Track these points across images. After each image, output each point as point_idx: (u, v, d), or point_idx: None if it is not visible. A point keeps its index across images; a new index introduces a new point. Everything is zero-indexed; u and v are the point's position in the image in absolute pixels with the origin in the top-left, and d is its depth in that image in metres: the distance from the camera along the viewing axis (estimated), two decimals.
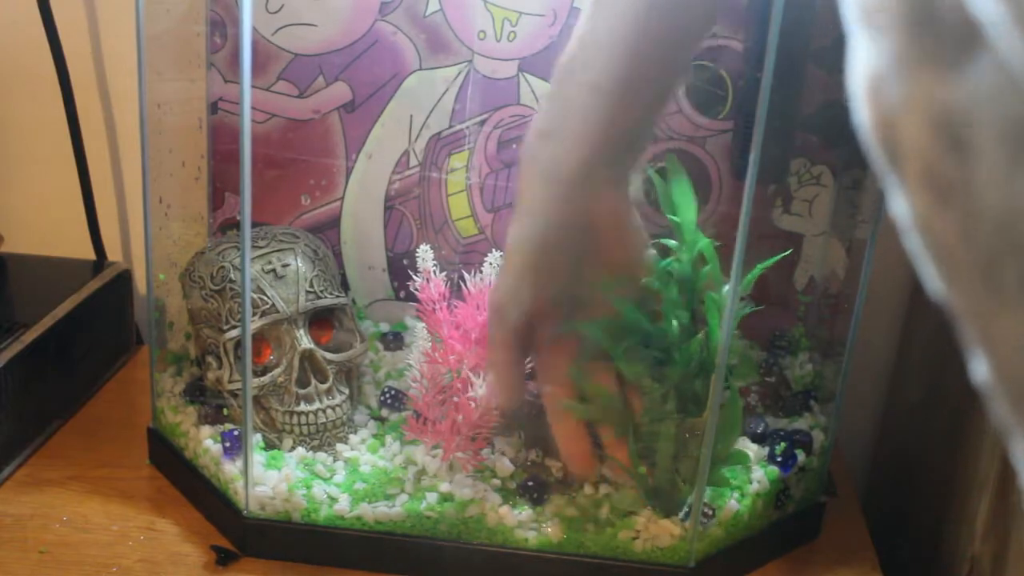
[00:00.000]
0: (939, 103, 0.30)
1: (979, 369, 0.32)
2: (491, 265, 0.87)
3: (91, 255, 1.18)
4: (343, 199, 1.08)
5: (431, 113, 1.04)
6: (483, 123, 1.04)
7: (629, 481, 0.84)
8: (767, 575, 0.89)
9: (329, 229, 1.09)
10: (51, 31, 1.07)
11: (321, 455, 0.89)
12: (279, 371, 0.90)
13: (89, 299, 1.08)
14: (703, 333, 0.80)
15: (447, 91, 1.04)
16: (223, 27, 1.04)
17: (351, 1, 1.02)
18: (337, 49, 1.03)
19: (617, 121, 0.73)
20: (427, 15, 1.01)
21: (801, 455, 0.90)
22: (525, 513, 0.84)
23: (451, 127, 1.05)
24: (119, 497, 0.93)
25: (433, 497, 0.84)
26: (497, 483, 0.87)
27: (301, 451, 0.89)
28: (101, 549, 0.86)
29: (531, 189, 0.76)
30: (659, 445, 0.83)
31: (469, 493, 0.84)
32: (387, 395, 0.96)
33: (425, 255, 0.88)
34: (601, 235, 0.77)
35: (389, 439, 0.92)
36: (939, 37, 0.30)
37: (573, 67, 0.73)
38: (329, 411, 0.90)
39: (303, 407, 0.90)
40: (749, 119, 0.73)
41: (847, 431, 1.15)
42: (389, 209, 1.08)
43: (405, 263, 1.10)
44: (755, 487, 0.87)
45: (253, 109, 1.05)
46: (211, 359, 0.92)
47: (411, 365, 0.88)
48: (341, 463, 0.89)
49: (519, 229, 0.77)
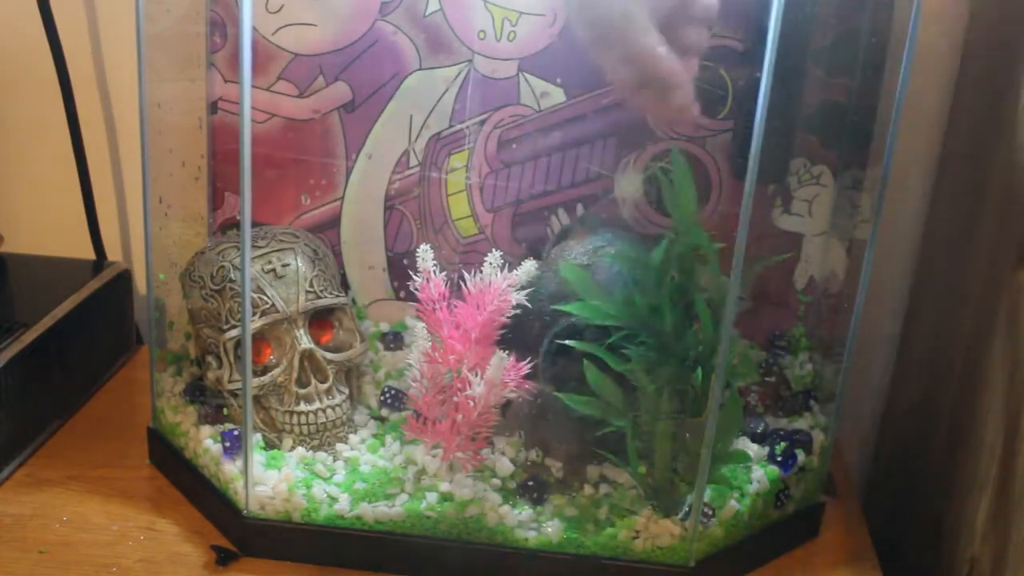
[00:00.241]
0: None
1: None
2: (491, 265, 0.87)
3: (91, 255, 1.18)
4: (343, 199, 1.08)
5: (431, 113, 1.04)
6: (483, 123, 1.04)
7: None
8: (767, 575, 0.89)
9: (329, 229, 1.09)
10: (51, 31, 1.08)
11: (321, 455, 0.89)
12: (279, 371, 0.90)
13: (89, 299, 1.08)
14: (697, 327, 0.80)
15: (447, 91, 1.04)
16: (223, 27, 1.04)
17: (351, 1, 1.02)
18: (337, 49, 1.03)
19: None
20: (427, 15, 1.01)
21: (801, 455, 0.90)
22: (525, 513, 0.84)
23: (451, 127, 1.05)
24: (119, 497, 0.93)
25: (433, 497, 0.84)
26: (497, 483, 0.87)
27: (301, 451, 0.89)
28: (101, 549, 0.86)
29: None
30: (656, 444, 0.83)
31: (469, 493, 0.84)
32: (387, 395, 0.96)
33: (425, 255, 0.88)
34: None
35: (389, 439, 0.92)
36: None
37: None
38: (329, 411, 0.90)
39: (303, 407, 0.90)
40: (749, 119, 0.73)
41: (847, 431, 1.15)
42: (389, 209, 1.08)
43: (405, 263, 1.10)
44: (755, 487, 0.87)
45: (253, 109, 1.05)
46: (211, 359, 0.92)
47: (411, 365, 0.88)
48: (341, 463, 0.89)
49: None
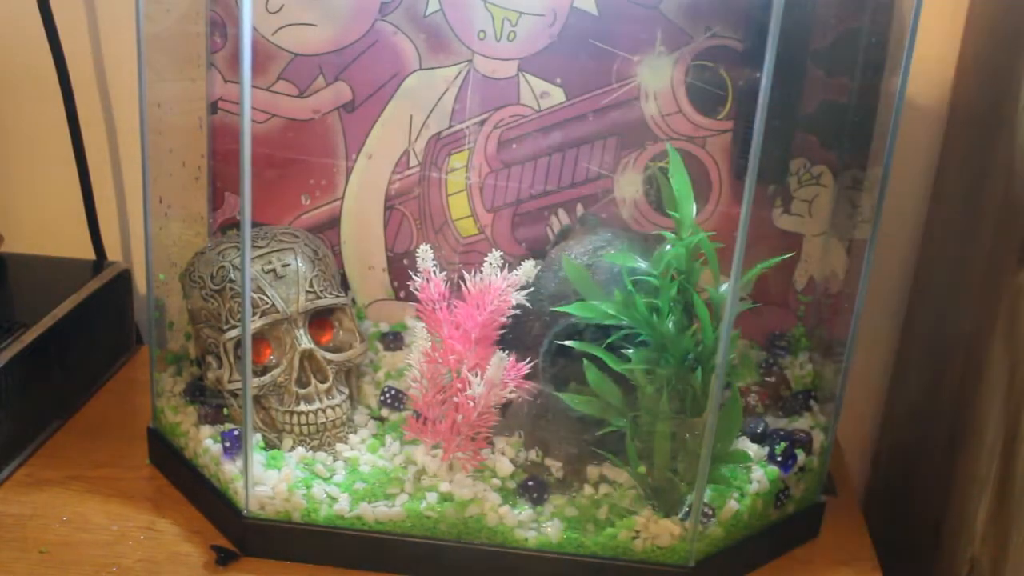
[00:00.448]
0: None
1: None
2: (491, 265, 0.87)
3: (91, 255, 1.18)
4: (343, 199, 1.08)
5: (431, 113, 1.04)
6: (483, 123, 1.04)
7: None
8: (767, 575, 0.89)
9: (329, 229, 1.09)
10: (51, 31, 1.07)
11: (321, 455, 0.89)
12: (279, 371, 0.90)
13: (89, 299, 1.08)
14: (696, 328, 0.80)
15: (447, 91, 1.04)
16: (223, 27, 1.04)
17: (351, 1, 1.02)
18: (337, 49, 1.03)
19: None
20: (427, 15, 1.01)
21: (801, 455, 0.90)
22: (525, 513, 0.84)
23: (451, 127, 1.05)
24: (119, 497, 0.93)
25: (433, 497, 0.84)
26: (497, 483, 0.87)
27: (301, 451, 0.89)
28: (101, 549, 0.86)
29: None
30: (656, 443, 0.83)
31: (469, 493, 0.84)
32: (387, 395, 0.96)
33: (425, 255, 0.88)
34: None
35: (389, 439, 0.92)
36: None
37: None
38: (329, 411, 0.90)
39: (303, 407, 0.90)
40: (749, 119, 0.73)
41: (847, 431, 1.15)
42: (389, 209, 1.08)
43: (405, 263, 1.10)
44: (755, 487, 0.87)
45: (253, 109, 1.05)
46: (211, 359, 0.92)
47: (411, 365, 0.88)
48: (341, 463, 0.89)
49: None
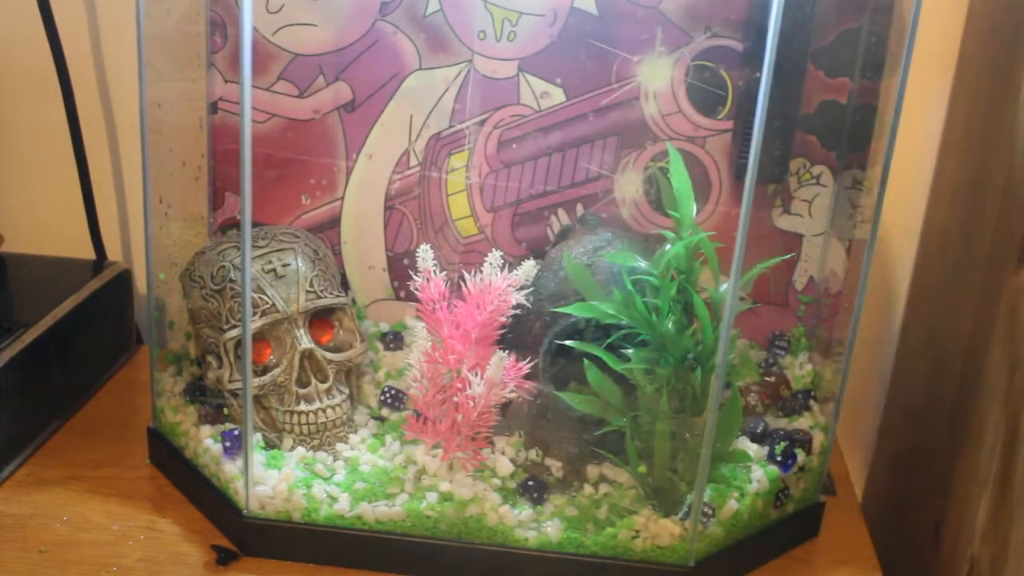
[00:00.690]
0: None
1: None
2: (491, 265, 0.87)
3: (91, 255, 1.18)
4: (343, 199, 1.09)
5: (431, 113, 1.05)
6: (483, 123, 1.04)
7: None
8: (767, 575, 0.89)
9: (329, 229, 1.09)
10: (51, 31, 1.07)
11: (321, 455, 0.89)
12: (279, 371, 0.90)
13: (89, 299, 1.08)
14: (696, 327, 0.80)
15: (447, 91, 1.04)
16: (223, 27, 1.04)
17: (351, 1, 1.02)
18: (337, 49, 1.03)
19: None
20: (427, 15, 1.01)
21: (801, 455, 0.90)
22: (525, 513, 0.84)
23: (451, 127, 1.05)
24: (119, 497, 0.93)
25: (433, 497, 0.84)
26: (497, 483, 0.87)
27: (301, 451, 0.89)
28: (101, 548, 0.86)
29: None
30: (656, 443, 0.83)
31: (469, 493, 0.84)
32: (387, 395, 0.96)
33: (425, 255, 0.88)
34: None
35: (389, 439, 0.92)
36: None
37: None
38: (329, 411, 0.90)
39: (303, 407, 0.90)
40: (749, 119, 0.73)
41: (847, 431, 1.15)
42: (389, 209, 1.09)
43: (405, 263, 1.10)
44: (755, 487, 0.87)
45: (253, 109, 1.05)
46: (211, 359, 0.92)
47: (411, 365, 0.88)
48: (341, 463, 0.89)
49: None
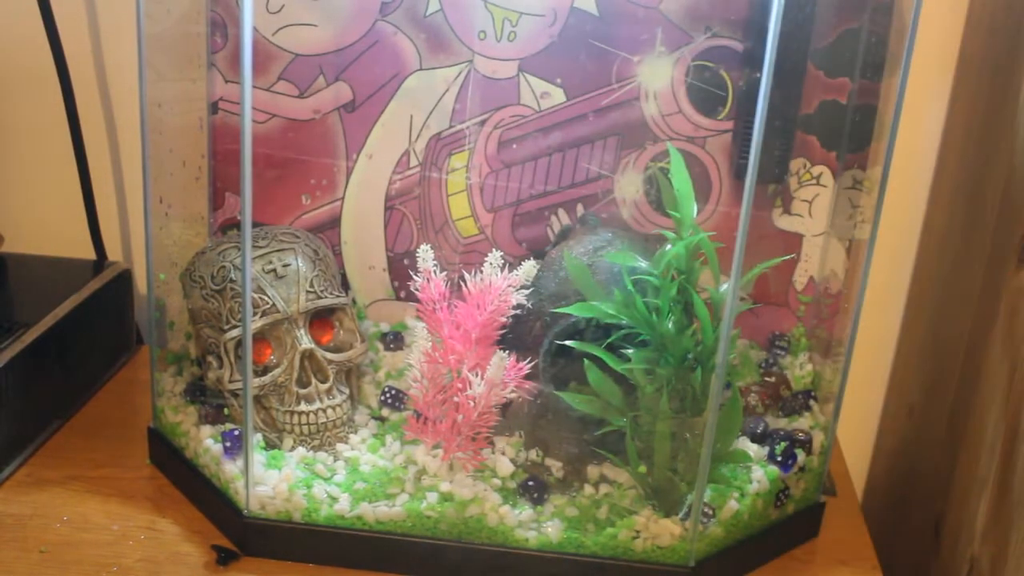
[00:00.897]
0: None
1: None
2: (491, 265, 0.87)
3: (91, 255, 1.18)
4: (343, 199, 1.09)
5: (431, 113, 1.05)
6: (483, 123, 1.04)
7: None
8: (767, 575, 0.89)
9: (329, 229, 1.09)
10: (51, 31, 1.07)
11: (321, 455, 0.89)
12: (279, 371, 0.90)
13: (89, 299, 1.08)
14: (696, 327, 0.80)
15: (447, 91, 1.04)
16: (224, 27, 1.04)
17: (351, 1, 1.02)
18: (337, 49, 1.03)
19: None
20: (427, 15, 1.01)
21: (801, 455, 0.90)
22: (525, 513, 0.84)
23: (451, 127, 1.05)
24: (119, 497, 0.93)
25: (433, 497, 0.84)
26: (497, 483, 0.87)
27: (301, 451, 0.89)
28: (101, 548, 0.86)
29: None
30: (656, 443, 0.83)
31: (469, 493, 0.84)
32: (387, 395, 0.96)
33: (425, 255, 0.88)
34: None
35: (389, 439, 0.92)
36: None
37: None
38: (329, 411, 0.91)
39: (303, 407, 0.90)
40: (749, 119, 0.73)
41: (847, 431, 1.15)
42: (389, 209, 1.09)
43: (405, 263, 1.10)
44: (755, 487, 0.87)
45: (254, 109, 1.05)
46: (212, 359, 0.92)
47: (411, 365, 0.88)
48: (341, 463, 0.89)
49: None
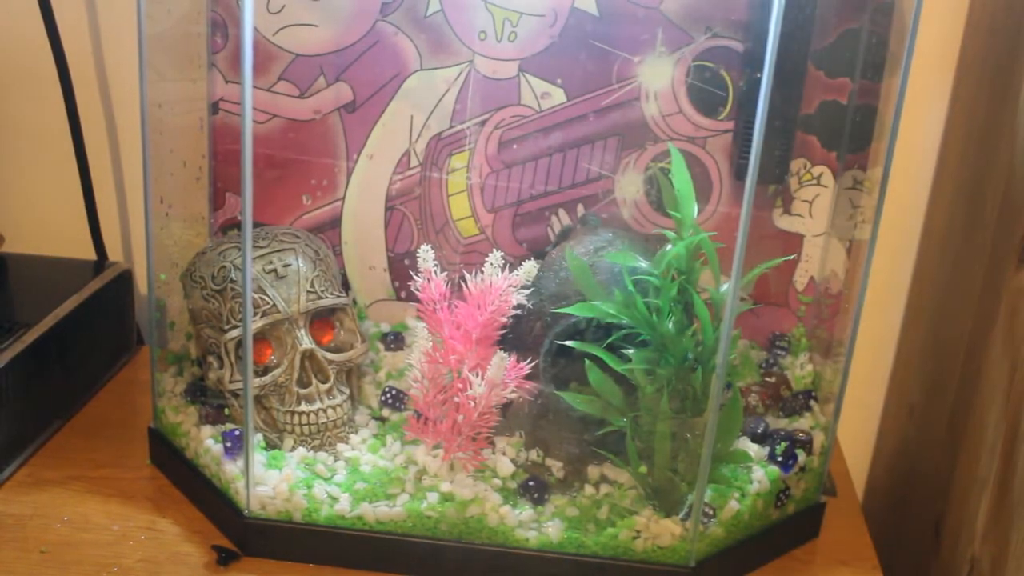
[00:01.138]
0: None
1: None
2: (491, 265, 0.87)
3: (92, 255, 1.18)
4: (344, 199, 1.09)
5: (432, 113, 1.05)
6: (484, 123, 1.04)
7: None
8: (767, 575, 0.89)
9: (330, 229, 1.09)
10: (51, 31, 1.07)
11: (322, 455, 0.89)
12: (280, 371, 0.90)
13: (90, 299, 1.08)
14: (696, 327, 0.80)
15: (448, 91, 1.04)
16: (224, 27, 1.04)
17: (352, 1, 1.02)
18: (338, 49, 1.03)
19: None
20: (428, 15, 1.01)
21: (801, 455, 0.91)
22: (526, 513, 0.84)
23: (452, 127, 1.05)
24: (120, 497, 0.93)
25: (434, 497, 0.84)
26: (498, 483, 0.87)
27: (302, 451, 0.89)
28: (102, 549, 0.86)
29: None
30: (656, 443, 0.83)
31: (470, 493, 0.84)
32: (388, 395, 0.96)
33: (426, 255, 0.88)
34: None
35: (390, 439, 0.92)
36: None
37: None
38: (330, 411, 0.91)
39: (304, 407, 0.90)
40: (750, 119, 0.73)
41: (847, 431, 1.15)
42: (390, 209, 1.09)
43: (406, 263, 1.10)
44: (755, 487, 0.87)
45: (254, 109, 1.05)
46: (212, 359, 0.92)
47: (412, 365, 0.88)
48: (342, 463, 0.89)
49: None
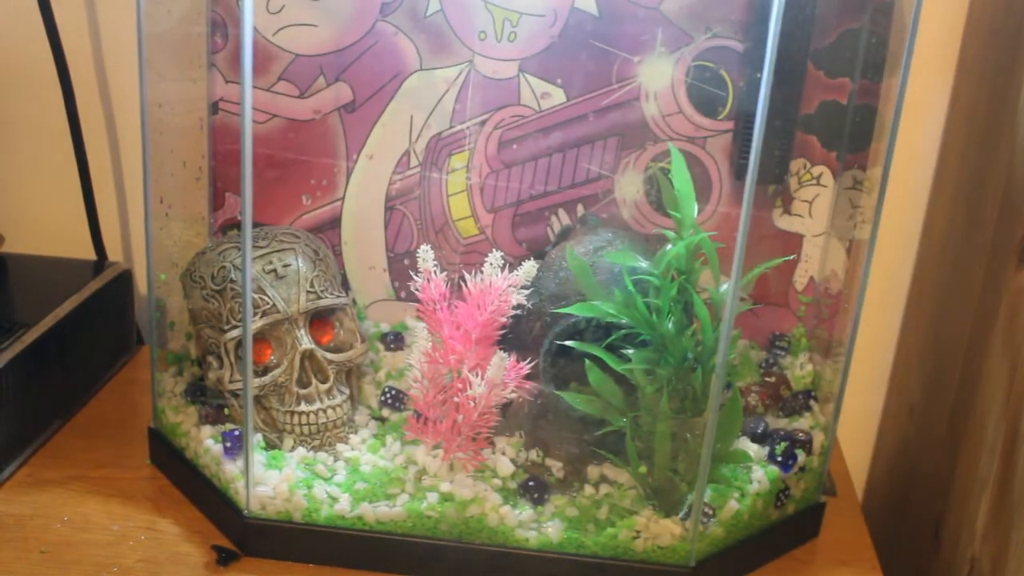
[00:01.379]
0: None
1: None
2: (491, 265, 0.87)
3: (92, 255, 1.18)
4: (344, 199, 1.09)
5: (431, 113, 1.05)
6: (483, 123, 1.04)
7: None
8: (767, 575, 0.89)
9: (330, 229, 1.09)
10: (51, 31, 1.07)
11: (322, 455, 0.89)
12: (280, 371, 0.90)
13: (90, 299, 1.08)
14: (696, 327, 0.80)
15: (447, 91, 1.04)
16: (224, 27, 1.04)
17: (352, 1, 1.02)
18: (338, 49, 1.03)
19: None
20: (427, 15, 1.01)
21: (801, 455, 0.91)
22: (526, 513, 0.84)
23: (451, 127, 1.05)
24: (120, 497, 0.93)
25: (434, 497, 0.84)
26: (498, 483, 0.87)
27: (302, 451, 0.89)
28: (102, 549, 0.86)
29: None
30: (656, 443, 0.83)
31: (470, 493, 0.84)
32: (388, 395, 0.96)
33: (425, 255, 0.88)
34: None
35: (390, 439, 0.92)
36: None
37: None
38: (330, 411, 0.91)
39: (304, 407, 0.90)
40: (749, 119, 0.73)
41: (847, 431, 1.15)
42: (390, 209, 1.09)
43: (406, 263, 1.10)
44: (755, 487, 0.87)
45: (254, 109, 1.05)
46: (212, 359, 0.92)
47: (411, 365, 0.88)
48: (342, 463, 0.89)
49: None
